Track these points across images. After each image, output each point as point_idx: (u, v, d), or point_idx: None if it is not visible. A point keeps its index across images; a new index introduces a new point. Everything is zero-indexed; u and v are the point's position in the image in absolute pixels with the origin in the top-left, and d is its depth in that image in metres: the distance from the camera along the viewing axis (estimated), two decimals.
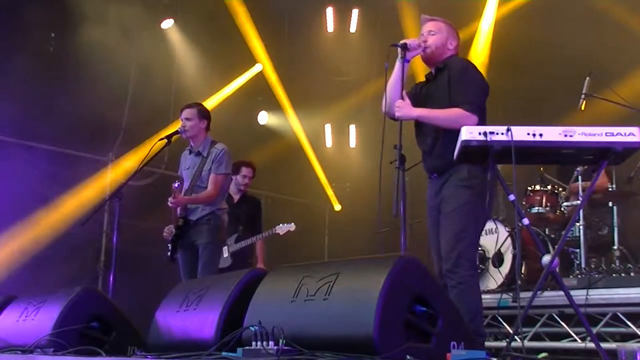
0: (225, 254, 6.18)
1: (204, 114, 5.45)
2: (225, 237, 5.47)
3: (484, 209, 3.76)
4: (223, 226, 5.37)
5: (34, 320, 4.20)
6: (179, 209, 5.34)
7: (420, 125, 3.95)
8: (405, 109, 3.78)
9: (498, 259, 5.83)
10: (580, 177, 5.78)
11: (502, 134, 3.10)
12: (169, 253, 5.36)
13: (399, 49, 3.88)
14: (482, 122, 3.68)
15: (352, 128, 10.35)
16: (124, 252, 5.87)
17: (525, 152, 3.17)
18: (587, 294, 4.94)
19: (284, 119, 10.06)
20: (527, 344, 4.86)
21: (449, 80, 3.79)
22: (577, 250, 5.70)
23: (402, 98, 3.83)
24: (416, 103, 3.88)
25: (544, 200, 6.10)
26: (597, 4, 7.33)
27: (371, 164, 9.18)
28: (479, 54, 8.73)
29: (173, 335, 3.65)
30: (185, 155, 5.56)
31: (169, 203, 5.20)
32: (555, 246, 5.70)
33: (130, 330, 4.22)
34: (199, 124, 5.39)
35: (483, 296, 5.70)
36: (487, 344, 5.51)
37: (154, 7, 8.73)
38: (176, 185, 5.22)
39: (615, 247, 5.67)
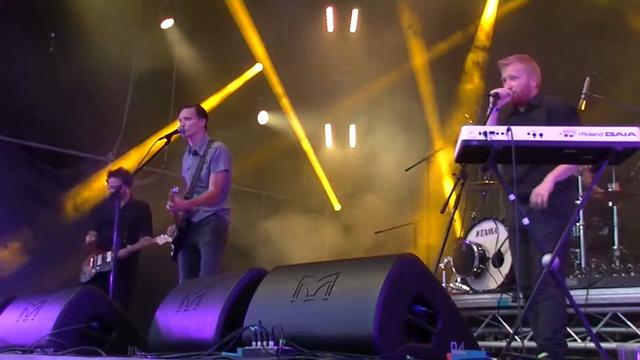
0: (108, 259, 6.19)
1: (201, 112, 5.48)
2: (227, 239, 5.41)
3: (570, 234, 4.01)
4: (225, 227, 5.31)
5: (34, 320, 4.21)
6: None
7: None
8: (543, 193, 3.87)
9: (498, 259, 5.82)
10: (579, 178, 5.78)
11: (503, 133, 3.10)
12: (172, 253, 5.35)
13: (490, 98, 4.06)
14: None
15: (352, 128, 10.35)
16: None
17: (526, 152, 3.16)
18: (587, 294, 4.93)
19: (284, 119, 10.06)
20: (527, 344, 4.85)
21: (548, 119, 3.95)
22: (577, 250, 5.70)
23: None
24: None
25: None
26: (597, 3, 7.33)
27: (372, 164, 9.22)
28: (479, 54, 8.74)
29: (173, 335, 3.65)
30: (185, 156, 5.57)
31: (167, 207, 5.16)
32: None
33: (130, 330, 4.22)
34: (197, 123, 5.41)
35: (483, 296, 5.77)
36: (487, 343, 5.53)
37: (154, 7, 8.73)
38: (174, 190, 5.17)
39: (615, 247, 5.67)
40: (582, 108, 5.65)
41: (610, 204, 5.85)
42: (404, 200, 8.65)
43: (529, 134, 3.10)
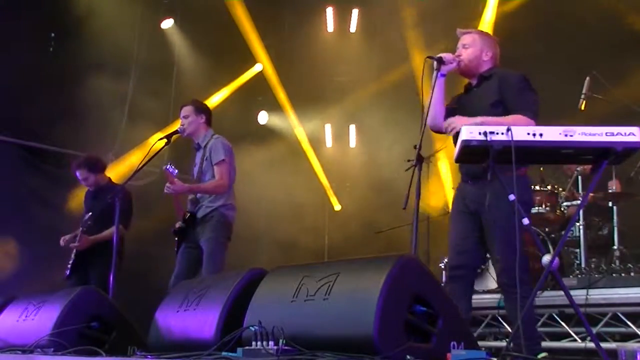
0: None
1: (200, 108, 5.45)
2: (230, 234, 5.36)
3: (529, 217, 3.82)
4: (228, 223, 5.25)
5: (34, 320, 4.20)
6: (188, 203, 5.29)
7: None
8: (458, 121, 3.74)
9: None
10: (580, 178, 5.78)
11: (502, 133, 3.10)
12: (175, 248, 5.30)
13: (434, 62, 3.94)
14: None
15: (352, 128, 10.35)
16: (124, 252, 5.87)
17: (525, 152, 3.16)
18: (587, 294, 4.94)
19: (284, 119, 10.07)
20: None
21: (500, 89, 3.85)
22: (577, 250, 5.70)
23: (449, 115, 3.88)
24: (459, 113, 3.93)
25: (543, 200, 6.09)
26: (597, 2, 7.33)
27: (372, 164, 9.22)
28: None
29: (173, 335, 3.65)
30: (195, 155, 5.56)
31: (165, 190, 5.07)
32: (556, 246, 5.70)
33: (130, 330, 4.22)
34: (196, 120, 5.39)
35: (483, 296, 5.77)
36: (487, 343, 5.53)
37: (154, 7, 8.74)
38: (169, 167, 5.02)
39: (615, 247, 5.67)
40: (582, 108, 5.64)
41: (610, 204, 5.85)
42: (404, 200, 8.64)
43: (528, 134, 3.10)
